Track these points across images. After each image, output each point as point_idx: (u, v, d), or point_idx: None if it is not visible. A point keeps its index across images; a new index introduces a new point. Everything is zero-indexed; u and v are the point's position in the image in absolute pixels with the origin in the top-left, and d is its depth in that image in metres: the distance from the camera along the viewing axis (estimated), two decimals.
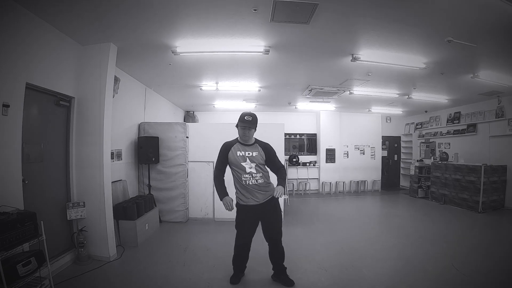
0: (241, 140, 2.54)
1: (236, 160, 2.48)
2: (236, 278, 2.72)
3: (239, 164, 2.47)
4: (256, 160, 2.49)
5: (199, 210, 5.07)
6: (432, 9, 2.51)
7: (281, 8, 2.51)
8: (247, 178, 2.46)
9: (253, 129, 2.47)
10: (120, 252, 3.42)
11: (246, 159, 2.47)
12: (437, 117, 7.95)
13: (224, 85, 5.24)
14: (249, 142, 2.53)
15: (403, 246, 3.71)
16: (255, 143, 2.56)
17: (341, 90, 5.52)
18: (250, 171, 2.46)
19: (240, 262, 2.73)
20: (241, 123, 2.45)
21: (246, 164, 2.46)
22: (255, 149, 2.52)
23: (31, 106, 2.73)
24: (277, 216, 2.61)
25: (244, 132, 2.45)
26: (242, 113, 2.49)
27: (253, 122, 2.45)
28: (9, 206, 2.20)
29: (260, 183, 2.48)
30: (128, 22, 2.82)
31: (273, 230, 2.60)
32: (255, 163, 2.48)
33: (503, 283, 2.69)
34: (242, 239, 2.62)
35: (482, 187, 5.57)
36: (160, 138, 4.81)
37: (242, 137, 2.50)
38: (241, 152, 2.49)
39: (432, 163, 7.08)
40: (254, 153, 2.50)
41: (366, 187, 8.64)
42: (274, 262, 2.71)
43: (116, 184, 4.03)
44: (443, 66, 4.05)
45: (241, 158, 2.48)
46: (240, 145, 2.53)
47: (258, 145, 2.55)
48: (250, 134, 2.48)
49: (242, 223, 2.59)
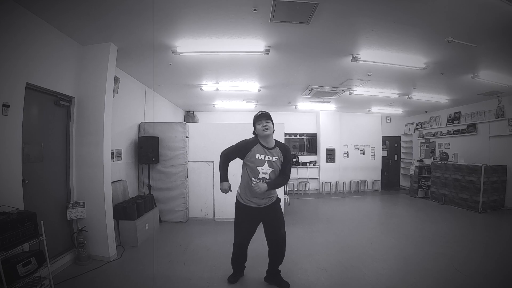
0: (262, 139, 2.39)
1: (253, 163, 2.35)
2: (234, 277, 2.72)
3: (254, 167, 2.35)
4: (275, 166, 2.38)
5: (199, 210, 5.07)
6: (432, 9, 2.50)
7: (281, 8, 2.51)
8: (257, 182, 2.34)
9: (270, 121, 2.37)
10: (120, 252, 3.42)
11: (265, 163, 2.35)
12: (437, 117, 7.95)
13: (224, 85, 5.24)
14: (270, 143, 2.40)
15: (403, 246, 3.71)
16: (275, 146, 2.42)
17: (341, 90, 5.52)
18: (263, 177, 2.36)
19: (239, 262, 2.72)
20: (257, 119, 2.37)
21: (262, 169, 2.35)
22: (275, 153, 2.39)
23: (31, 106, 2.73)
24: (278, 218, 2.54)
25: (263, 125, 2.33)
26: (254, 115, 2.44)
27: (268, 115, 2.37)
28: (9, 206, 2.19)
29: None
30: (128, 22, 2.82)
31: (274, 232, 2.52)
32: (272, 169, 2.37)
33: (503, 283, 2.69)
34: (239, 239, 2.57)
35: (482, 187, 5.58)
36: (160, 138, 4.81)
37: (262, 131, 2.34)
38: (261, 156, 2.35)
39: (432, 163, 7.09)
40: (274, 157, 2.37)
41: (366, 187, 8.65)
42: (271, 262, 2.65)
43: (116, 184, 4.03)
44: (443, 66, 4.05)
45: (259, 162, 2.35)
46: (261, 147, 2.37)
47: (278, 148, 2.42)
48: (269, 126, 2.34)
49: (240, 223, 2.54)
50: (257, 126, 2.39)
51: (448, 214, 5.60)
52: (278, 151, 2.41)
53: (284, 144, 2.50)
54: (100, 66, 3.27)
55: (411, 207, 6.40)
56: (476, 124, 6.67)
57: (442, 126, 7.76)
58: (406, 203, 6.85)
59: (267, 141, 2.39)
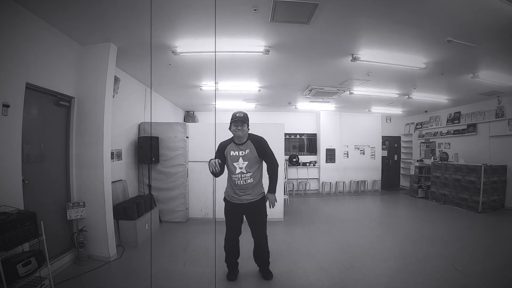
0: (235, 138, 2.57)
1: (229, 160, 2.55)
2: (232, 274, 2.76)
3: (231, 164, 2.54)
4: (249, 159, 2.54)
5: (199, 210, 5.07)
6: (432, 9, 2.50)
7: (281, 8, 2.51)
8: (237, 178, 2.53)
9: (245, 124, 2.51)
10: (120, 252, 3.42)
11: (239, 158, 2.53)
12: (437, 117, 7.95)
13: (224, 85, 5.24)
14: (242, 140, 2.56)
15: (403, 246, 3.71)
16: (247, 140, 2.59)
17: (341, 90, 5.52)
18: (240, 171, 2.52)
19: (231, 258, 2.77)
20: (233, 120, 2.50)
21: (237, 164, 2.53)
22: (247, 146, 2.56)
23: (31, 106, 2.73)
24: (260, 218, 2.67)
25: (237, 127, 2.48)
26: (233, 113, 2.53)
27: (244, 118, 2.49)
28: (9, 206, 2.20)
29: (249, 183, 2.53)
30: (128, 22, 2.82)
31: (255, 231, 2.68)
32: (247, 162, 2.53)
33: (503, 283, 2.69)
34: (227, 233, 2.70)
35: (482, 187, 5.57)
36: (160, 138, 4.81)
37: (235, 132, 2.52)
38: (235, 152, 2.55)
39: (432, 163, 7.08)
40: (247, 150, 2.55)
41: (366, 187, 8.64)
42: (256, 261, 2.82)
43: (116, 184, 4.03)
44: (443, 66, 4.05)
45: (234, 158, 2.54)
46: (234, 145, 2.58)
47: (250, 141, 2.58)
48: (243, 129, 2.50)
49: (227, 217, 2.68)
50: (232, 126, 2.53)
51: (448, 214, 5.60)
52: (249, 143, 2.58)
53: (255, 135, 2.65)
54: (100, 66, 3.27)
55: (411, 207, 6.40)
56: (476, 124, 6.67)
57: (442, 126, 7.76)
58: (406, 203, 6.85)
59: (239, 139, 2.56)
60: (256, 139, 2.62)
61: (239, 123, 2.48)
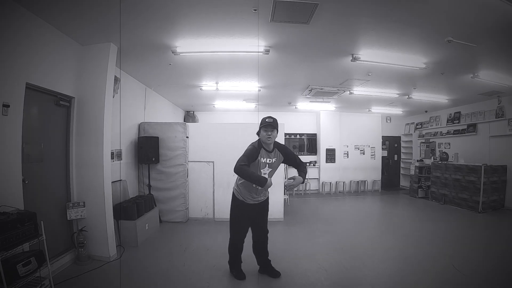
0: (264, 144, 2.51)
1: (257, 166, 2.49)
2: (241, 273, 2.77)
3: (258, 170, 2.50)
4: (274, 167, 2.57)
5: (199, 210, 5.07)
6: (432, 9, 2.50)
7: (281, 8, 2.51)
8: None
9: (275, 130, 2.48)
10: (120, 252, 3.41)
11: (266, 165, 2.52)
12: (437, 117, 7.95)
13: (224, 85, 5.24)
14: (271, 147, 2.54)
15: (403, 246, 3.71)
16: (274, 148, 2.57)
17: (341, 90, 5.52)
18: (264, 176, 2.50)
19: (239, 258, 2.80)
20: (263, 125, 2.47)
21: (263, 170, 2.53)
22: (275, 155, 2.57)
23: (31, 106, 2.73)
24: (266, 216, 2.80)
25: (268, 134, 2.45)
26: (262, 118, 2.53)
27: (275, 124, 2.47)
28: (9, 206, 2.19)
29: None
30: (128, 22, 2.81)
31: (261, 229, 2.75)
32: (271, 169, 2.56)
33: (503, 283, 2.69)
34: (237, 235, 2.69)
35: (482, 187, 5.57)
36: (160, 138, 4.81)
37: (265, 139, 2.46)
38: (264, 159, 2.51)
39: (432, 163, 7.08)
40: (274, 159, 2.56)
41: (366, 187, 8.64)
42: (259, 257, 2.84)
43: (116, 184, 4.03)
44: (443, 66, 4.05)
45: (263, 164, 2.51)
46: (264, 151, 2.52)
47: (277, 150, 2.59)
48: (273, 135, 2.47)
49: (239, 219, 2.68)
50: (262, 132, 2.49)
51: (448, 214, 5.60)
52: (277, 152, 2.59)
53: (281, 144, 2.66)
54: (100, 66, 3.27)
55: (411, 207, 6.40)
56: (476, 124, 6.67)
57: (442, 126, 7.76)
58: (406, 203, 6.85)
59: (268, 146, 2.54)
60: (281, 147, 2.63)
61: (269, 128, 2.44)
